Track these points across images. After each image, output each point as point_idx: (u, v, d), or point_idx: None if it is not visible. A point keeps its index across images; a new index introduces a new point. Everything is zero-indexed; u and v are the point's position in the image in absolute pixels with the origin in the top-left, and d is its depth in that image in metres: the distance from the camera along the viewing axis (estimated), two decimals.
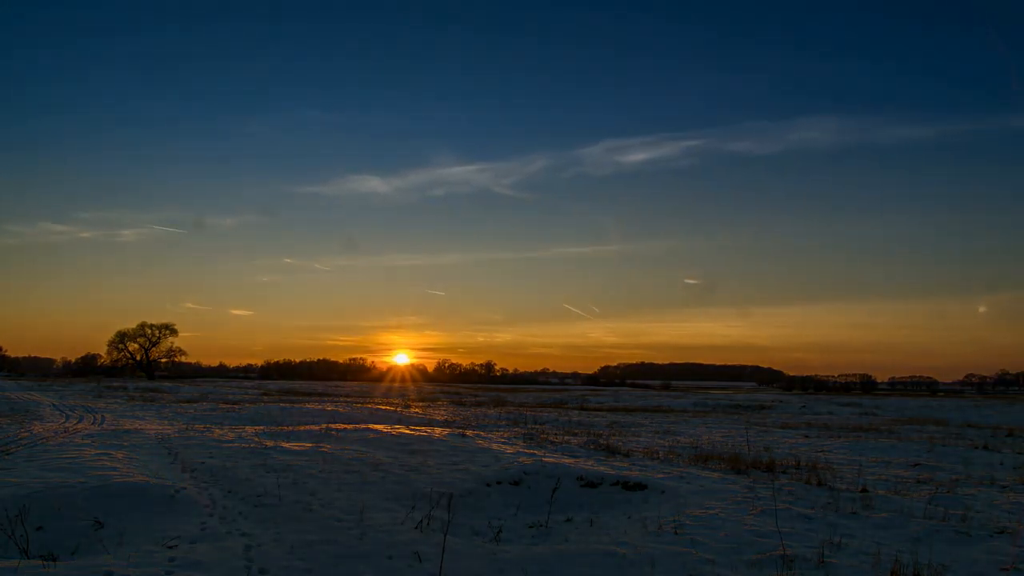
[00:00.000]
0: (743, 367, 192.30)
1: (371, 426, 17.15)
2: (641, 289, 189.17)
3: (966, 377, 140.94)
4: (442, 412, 26.97)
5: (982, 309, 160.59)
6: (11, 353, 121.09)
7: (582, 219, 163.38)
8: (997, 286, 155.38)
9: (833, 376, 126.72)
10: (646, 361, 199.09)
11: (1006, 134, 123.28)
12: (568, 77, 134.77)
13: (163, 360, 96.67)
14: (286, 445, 12.80)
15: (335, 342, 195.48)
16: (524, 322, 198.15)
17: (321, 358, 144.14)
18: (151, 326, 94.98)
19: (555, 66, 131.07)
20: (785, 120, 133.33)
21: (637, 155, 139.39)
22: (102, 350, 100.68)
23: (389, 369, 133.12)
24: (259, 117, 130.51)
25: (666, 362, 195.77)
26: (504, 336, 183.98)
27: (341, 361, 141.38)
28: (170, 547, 6.48)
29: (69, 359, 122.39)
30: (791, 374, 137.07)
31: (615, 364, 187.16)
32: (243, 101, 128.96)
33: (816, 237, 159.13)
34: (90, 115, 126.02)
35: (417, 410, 27.46)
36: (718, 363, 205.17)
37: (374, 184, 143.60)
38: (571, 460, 11.89)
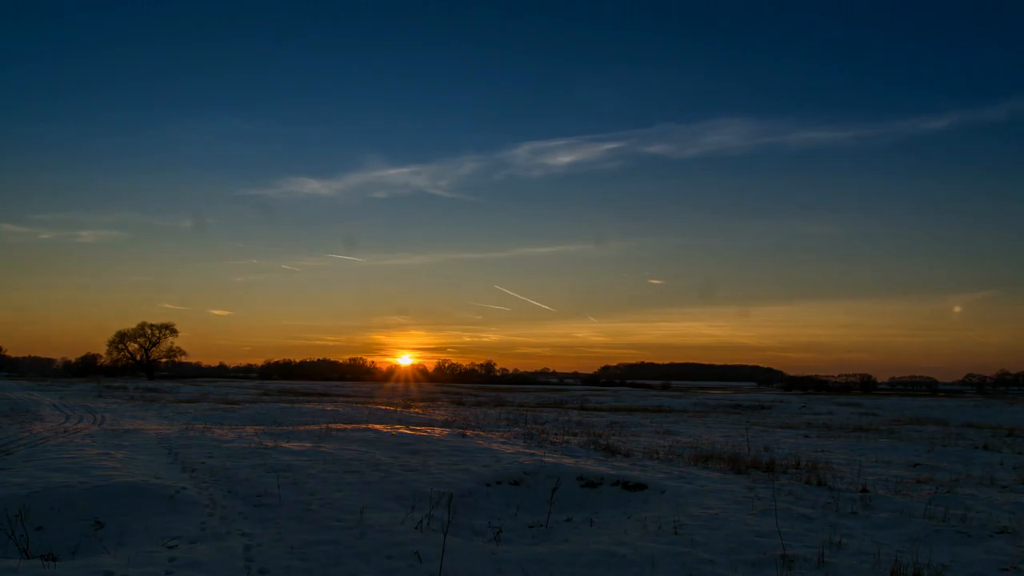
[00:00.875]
0: (743, 367, 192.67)
1: (371, 426, 17.15)
2: (617, 288, 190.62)
3: (966, 377, 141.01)
4: (442, 412, 26.97)
5: (957, 309, 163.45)
6: (11, 353, 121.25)
7: (531, 219, 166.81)
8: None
9: (833, 376, 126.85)
10: (645, 361, 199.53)
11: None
12: (490, 81, 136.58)
13: (163, 360, 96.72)
14: (286, 445, 12.81)
15: (323, 342, 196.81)
16: (505, 322, 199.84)
17: (321, 358, 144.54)
18: (151, 326, 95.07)
19: (478, 70, 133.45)
20: (700, 122, 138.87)
21: (564, 157, 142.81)
22: (102, 350, 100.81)
23: (389, 369, 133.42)
24: (197, 124, 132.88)
25: (666, 362, 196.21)
26: (492, 336, 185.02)
27: (341, 361, 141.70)
28: (170, 547, 6.48)
29: (69, 359, 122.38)
30: (791, 374, 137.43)
31: (615, 364, 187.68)
32: (187, 106, 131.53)
33: (771, 238, 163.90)
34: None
35: (417, 410, 27.46)
36: (718, 363, 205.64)
37: (314, 186, 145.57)
38: (571, 460, 11.89)
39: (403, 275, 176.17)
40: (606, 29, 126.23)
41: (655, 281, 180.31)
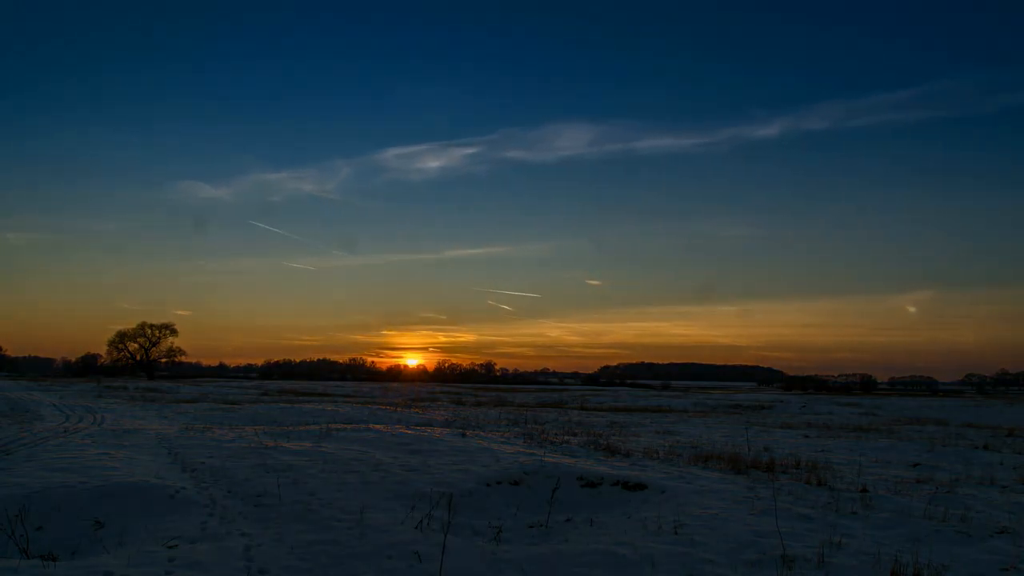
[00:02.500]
0: (743, 367, 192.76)
1: (371, 426, 17.16)
2: (562, 289, 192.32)
3: (966, 377, 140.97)
4: (442, 412, 26.97)
5: (912, 309, 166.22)
6: (11, 353, 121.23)
7: (454, 220, 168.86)
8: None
9: (833, 376, 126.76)
10: (646, 361, 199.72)
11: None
12: (344, 86, 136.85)
13: (163, 360, 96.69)
14: (286, 445, 12.81)
15: (302, 342, 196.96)
16: (471, 321, 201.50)
17: (321, 358, 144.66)
18: (151, 326, 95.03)
19: (338, 75, 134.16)
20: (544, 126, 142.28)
21: (432, 162, 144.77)
22: (102, 350, 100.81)
23: (389, 369, 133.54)
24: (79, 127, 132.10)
25: (666, 362, 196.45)
26: (466, 336, 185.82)
27: (341, 361, 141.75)
28: (170, 547, 6.48)
29: (69, 359, 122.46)
30: (791, 374, 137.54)
31: (615, 364, 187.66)
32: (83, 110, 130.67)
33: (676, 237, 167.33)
34: None
35: (417, 410, 27.45)
36: (718, 363, 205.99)
37: (208, 190, 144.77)
38: (571, 460, 11.89)
39: (354, 275, 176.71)
40: (440, 31, 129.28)
41: (593, 282, 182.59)
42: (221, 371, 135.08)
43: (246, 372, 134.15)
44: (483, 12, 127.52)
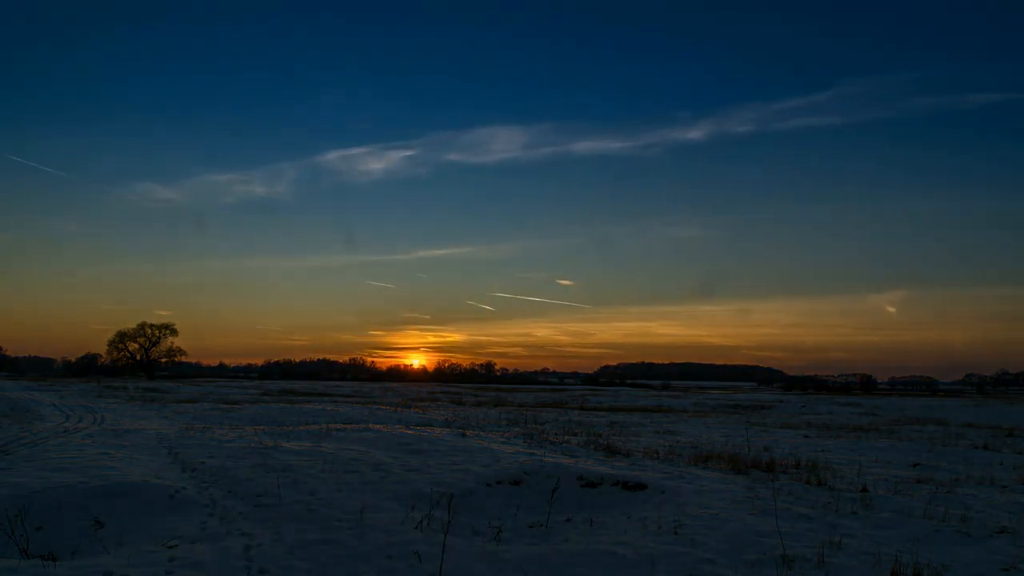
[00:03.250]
0: (743, 367, 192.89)
1: (371, 426, 17.16)
2: (529, 289, 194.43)
3: (966, 377, 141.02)
4: (442, 412, 26.97)
5: (891, 309, 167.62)
6: (11, 353, 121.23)
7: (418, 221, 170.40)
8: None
9: (833, 376, 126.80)
10: (646, 360, 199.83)
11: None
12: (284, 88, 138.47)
13: (163, 360, 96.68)
14: (286, 445, 12.81)
15: (291, 341, 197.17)
16: (453, 321, 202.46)
17: (321, 358, 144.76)
18: (151, 326, 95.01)
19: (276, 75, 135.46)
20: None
21: (374, 164, 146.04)
22: (102, 350, 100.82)
23: (389, 369, 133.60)
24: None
25: (666, 361, 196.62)
26: (455, 336, 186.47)
27: (341, 361, 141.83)
28: (170, 547, 6.48)
29: (69, 359, 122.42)
30: (791, 374, 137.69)
31: (615, 364, 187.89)
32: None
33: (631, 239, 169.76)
34: None
35: (417, 410, 27.45)
36: (718, 363, 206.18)
37: (162, 192, 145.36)
38: (571, 460, 11.89)
39: (334, 275, 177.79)
40: (369, 33, 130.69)
41: (564, 282, 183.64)
42: (221, 371, 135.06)
43: (246, 372, 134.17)
44: (411, 15, 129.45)
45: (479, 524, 8.08)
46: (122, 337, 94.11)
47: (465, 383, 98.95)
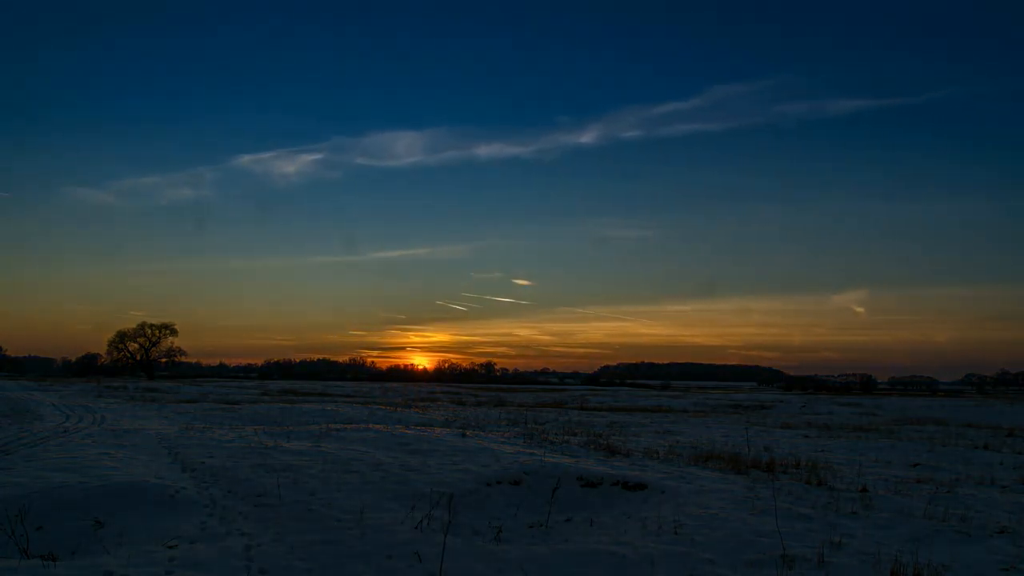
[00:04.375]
0: (743, 367, 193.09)
1: (371, 426, 17.16)
2: (486, 289, 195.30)
3: (966, 377, 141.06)
4: (442, 412, 26.97)
5: (859, 309, 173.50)
6: (11, 353, 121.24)
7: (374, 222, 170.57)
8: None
9: (833, 376, 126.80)
10: (645, 360, 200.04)
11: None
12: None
13: (163, 360, 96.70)
14: (286, 445, 12.81)
15: (276, 342, 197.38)
16: (426, 322, 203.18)
17: (321, 358, 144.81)
18: (151, 326, 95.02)
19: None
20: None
21: (287, 167, 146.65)
22: (102, 350, 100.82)
23: (389, 369, 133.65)
24: None
25: (666, 361, 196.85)
26: (440, 336, 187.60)
27: (341, 360, 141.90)
28: (170, 547, 6.49)
29: (69, 359, 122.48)
30: (791, 374, 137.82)
31: (615, 364, 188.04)
32: None
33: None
34: None
35: (417, 410, 27.46)
36: (718, 363, 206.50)
37: (98, 196, 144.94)
38: (571, 460, 11.89)
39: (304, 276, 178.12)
40: (275, 37, 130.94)
41: (521, 282, 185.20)
42: (221, 371, 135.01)
43: (246, 372, 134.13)
44: (310, 19, 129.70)
45: (479, 524, 8.08)
46: (122, 337, 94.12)
47: (465, 383, 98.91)
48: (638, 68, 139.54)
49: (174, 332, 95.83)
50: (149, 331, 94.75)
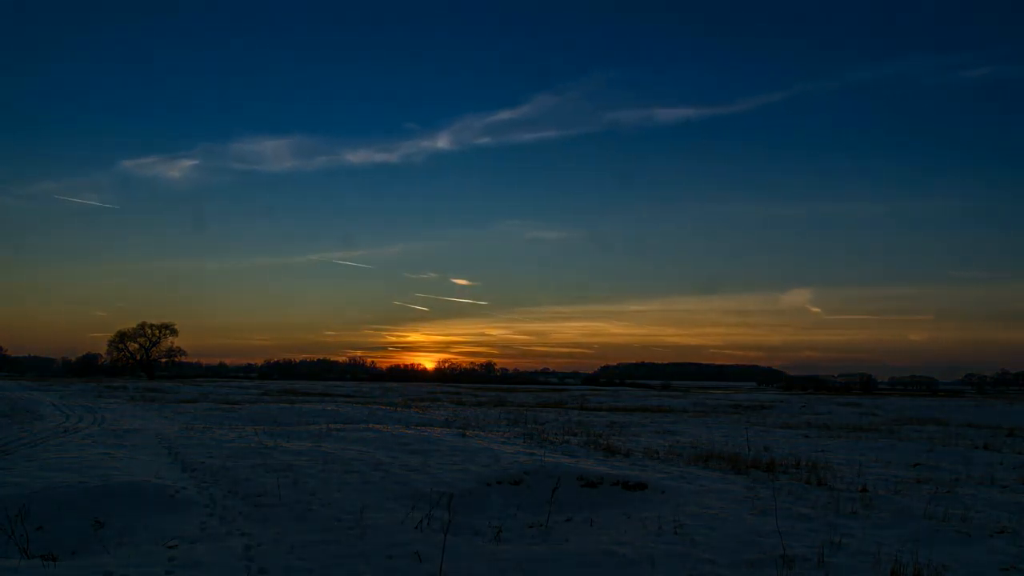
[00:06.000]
0: (743, 367, 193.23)
1: (371, 426, 17.16)
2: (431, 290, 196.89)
3: (966, 377, 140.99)
4: (442, 412, 26.97)
5: (815, 310, 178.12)
6: (11, 353, 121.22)
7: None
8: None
9: (833, 376, 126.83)
10: (646, 360, 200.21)
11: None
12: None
13: (163, 360, 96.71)
14: (286, 445, 12.81)
15: (254, 342, 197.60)
16: (387, 323, 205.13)
17: (321, 358, 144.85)
18: (151, 326, 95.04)
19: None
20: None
21: (171, 172, 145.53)
22: (102, 350, 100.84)
23: (389, 369, 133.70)
24: None
25: (666, 361, 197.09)
26: (415, 336, 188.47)
27: (341, 361, 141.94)
28: (170, 547, 6.48)
29: (69, 359, 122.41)
30: (791, 374, 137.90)
31: (615, 363, 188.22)
32: None
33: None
34: None
35: (417, 410, 27.46)
36: (718, 363, 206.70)
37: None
38: (571, 460, 11.89)
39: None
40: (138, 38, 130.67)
41: (459, 282, 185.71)
42: (221, 371, 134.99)
43: (246, 372, 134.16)
44: (178, 22, 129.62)
45: (479, 524, 8.08)
46: (122, 337, 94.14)
47: (465, 383, 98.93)
48: (462, 79, 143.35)
49: (174, 332, 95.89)
50: (149, 331, 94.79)
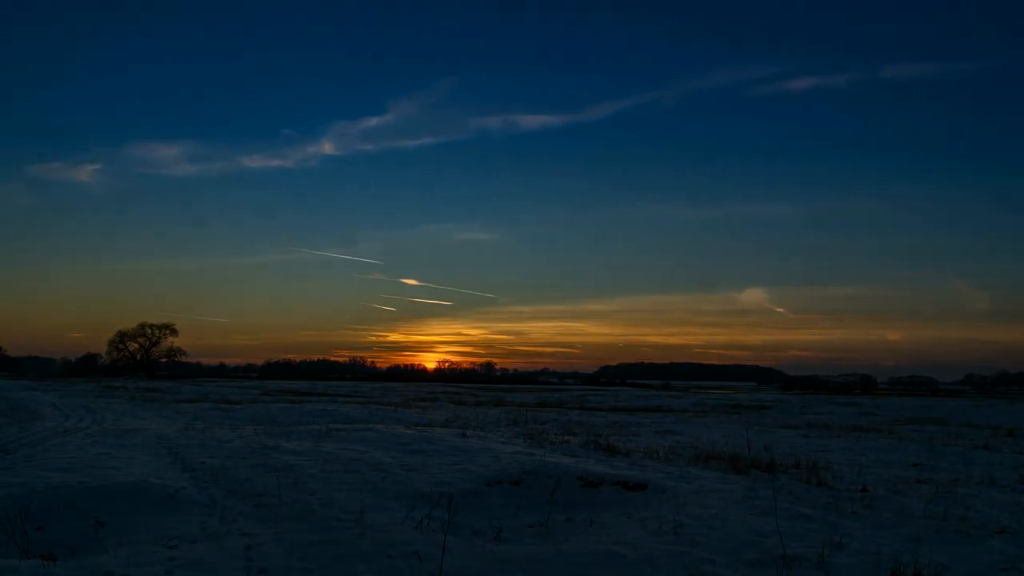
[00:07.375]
0: (743, 367, 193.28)
1: (371, 426, 17.17)
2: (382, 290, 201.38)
3: (966, 377, 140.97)
4: (442, 412, 26.97)
5: (780, 310, 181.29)
6: (11, 353, 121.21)
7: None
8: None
9: (833, 376, 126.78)
10: (646, 360, 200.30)
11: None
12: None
13: (163, 360, 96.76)
14: (286, 445, 12.81)
15: (235, 342, 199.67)
16: (369, 323, 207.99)
17: (321, 358, 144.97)
18: (151, 326, 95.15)
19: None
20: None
21: (81, 176, 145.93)
22: (102, 350, 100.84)
23: (389, 369, 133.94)
24: None
25: (666, 361, 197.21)
26: (396, 336, 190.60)
27: (341, 360, 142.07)
28: (170, 547, 6.48)
29: (69, 359, 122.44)
30: (791, 374, 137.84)
31: (615, 363, 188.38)
32: None
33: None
34: None
35: (417, 410, 27.46)
36: (718, 363, 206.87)
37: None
38: (571, 460, 11.89)
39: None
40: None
41: (409, 281, 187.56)
42: (221, 371, 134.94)
43: (246, 372, 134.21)
44: (65, 21, 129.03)
45: (479, 524, 8.08)
46: (122, 337, 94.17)
47: (465, 383, 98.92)
48: (333, 83, 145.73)
49: (174, 332, 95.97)
50: (149, 331, 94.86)
